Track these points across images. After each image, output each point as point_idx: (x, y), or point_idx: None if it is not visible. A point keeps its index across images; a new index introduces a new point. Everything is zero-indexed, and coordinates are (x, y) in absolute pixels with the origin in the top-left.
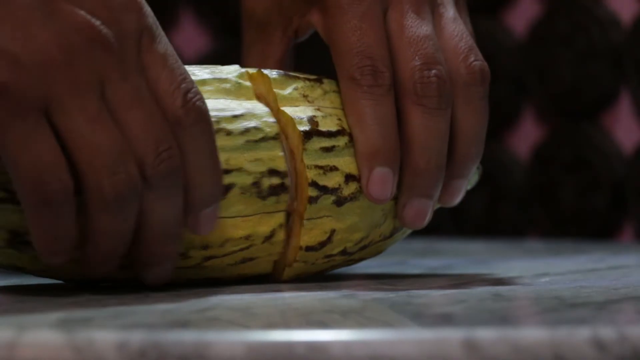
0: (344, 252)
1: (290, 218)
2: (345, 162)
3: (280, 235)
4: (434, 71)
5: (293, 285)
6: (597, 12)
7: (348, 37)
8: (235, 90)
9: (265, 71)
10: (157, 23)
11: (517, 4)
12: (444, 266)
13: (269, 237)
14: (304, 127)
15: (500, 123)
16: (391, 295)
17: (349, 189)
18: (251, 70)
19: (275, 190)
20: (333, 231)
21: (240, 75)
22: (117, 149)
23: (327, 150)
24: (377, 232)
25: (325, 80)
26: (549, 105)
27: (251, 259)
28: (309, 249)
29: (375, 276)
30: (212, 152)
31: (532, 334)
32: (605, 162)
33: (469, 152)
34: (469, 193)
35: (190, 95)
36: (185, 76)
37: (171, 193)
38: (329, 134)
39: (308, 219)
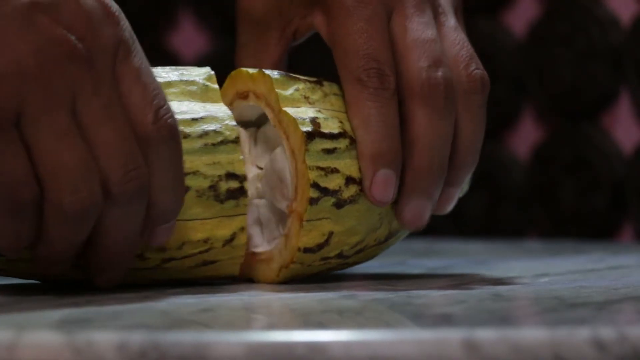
0: (340, 255)
1: (289, 219)
2: (346, 165)
3: (242, 239)
4: (440, 72)
5: (292, 286)
6: (597, 13)
7: (354, 39)
8: (201, 93)
9: (267, 71)
10: (134, 37)
11: (516, 4)
12: (444, 266)
13: (229, 241)
14: (307, 128)
15: (500, 123)
16: (391, 295)
17: (349, 191)
18: (251, 70)
19: (234, 194)
20: (331, 233)
21: (209, 78)
22: (82, 167)
23: (329, 152)
24: (373, 236)
25: (325, 83)
26: (549, 105)
27: (213, 262)
28: (306, 250)
29: (375, 276)
30: (178, 170)
31: (532, 334)
32: (605, 162)
33: (467, 160)
34: (468, 193)
35: (162, 112)
36: (158, 92)
37: (134, 209)
38: (331, 136)
39: (308, 220)
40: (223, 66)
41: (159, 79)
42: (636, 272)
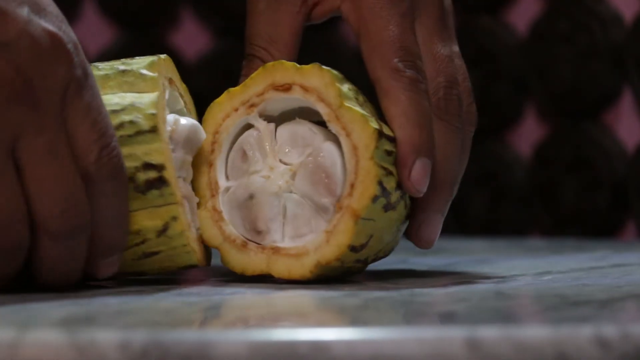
0: (364, 261)
1: (336, 215)
2: (396, 170)
3: (176, 228)
4: (455, 91)
5: (295, 284)
6: (599, 10)
7: (391, 30)
8: (137, 83)
9: (324, 67)
10: (89, 72)
11: (518, 2)
12: (446, 264)
13: (162, 231)
14: (375, 126)
15: (501, 122)
16: (393, 294)
17: (395, 196)
18: (299, 65)
19: (154, 184)
20: (371, 236)
21: (149, 65)
22: (12, 208)
23: (389, 154)
24: (384, 249)
25: (360, 90)
26: (550, 103)
27: (155, 253)
28: (353, 249)
29: (378, 275)
30: (121, 207)
31: (535, 333)
32: (607, 160)
33: (454, 189)
34: (470, 192)
35: (105, 151)
36: (105, 131)
37: (73, 245)
38: (390, 139)
39: (363, 219)
40: (225, 64)
41: (99, 73)
42: (638, 270)
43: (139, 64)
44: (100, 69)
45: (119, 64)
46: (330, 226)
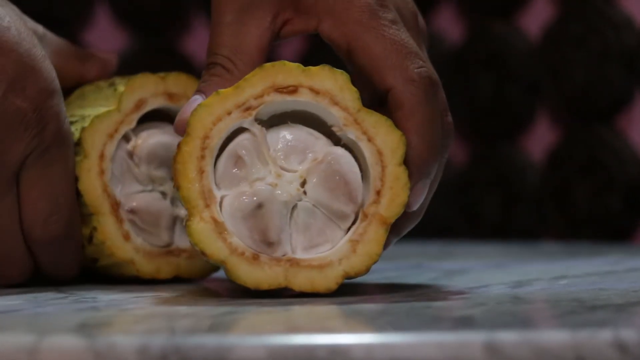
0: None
1: (362, 223)
2: None
3: (98, 237)
4: (450, 119)
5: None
6: (611, 15)
7: (388, 37)
8: (110, 97)
9: (335, 69)
10: (61, 143)
11: (531, 7)
12: (461, 269)
13: (90, 239)
14: (399, 131)
15: (514, 126)
16: (410, 298)
17: None
18: (304, 66)
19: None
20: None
21: (125, 82)
22: None
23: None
24: None
25: None
26: (563, 107)
27: (96, 259)
28: (379, 257)
29: (393, 279)
30: (65, 262)
31: (554, 337)
32: (620, 164)
33: (421, 213)
34: (483, 195)
35: (51, 219)
36: (55, 201)
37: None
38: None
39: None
40: None
41: (111, 86)
42: None
43: (125, 79)
44: (110, 83)
45: (119, 78)
46: (355, 235)
